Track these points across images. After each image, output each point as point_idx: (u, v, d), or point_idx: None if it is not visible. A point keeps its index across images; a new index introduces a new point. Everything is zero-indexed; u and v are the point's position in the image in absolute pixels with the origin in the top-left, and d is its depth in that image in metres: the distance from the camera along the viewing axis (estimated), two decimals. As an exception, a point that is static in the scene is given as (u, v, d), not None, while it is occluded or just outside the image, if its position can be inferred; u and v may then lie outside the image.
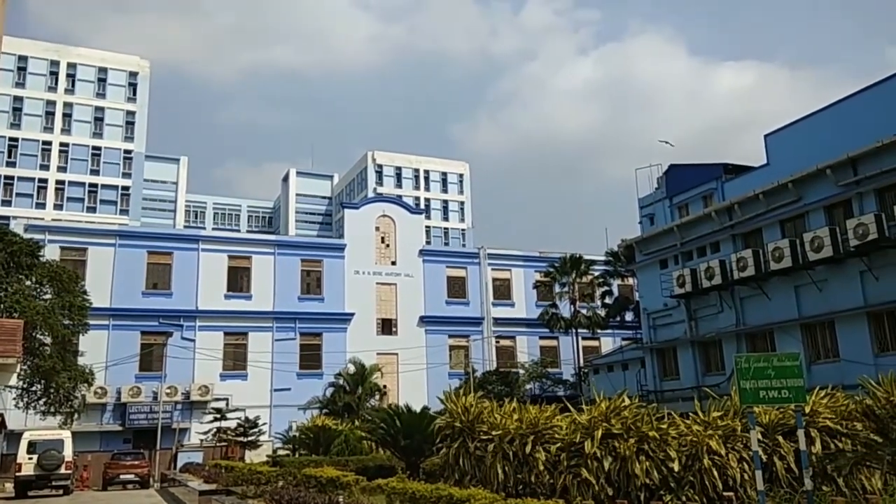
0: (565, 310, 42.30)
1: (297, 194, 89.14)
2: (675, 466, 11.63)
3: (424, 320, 46.31)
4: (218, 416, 36.42)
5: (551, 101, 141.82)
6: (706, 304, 30.81)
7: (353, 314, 44.47)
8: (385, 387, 41.02)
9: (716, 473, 11.58)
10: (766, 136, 30.39)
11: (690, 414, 12.88)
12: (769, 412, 12.50)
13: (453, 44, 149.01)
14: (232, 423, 36.52)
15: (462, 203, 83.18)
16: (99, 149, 62.01)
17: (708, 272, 29.28)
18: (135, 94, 64.13)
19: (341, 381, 37.96)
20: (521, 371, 44.25)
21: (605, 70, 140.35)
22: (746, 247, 28.39)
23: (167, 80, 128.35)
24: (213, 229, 78.24)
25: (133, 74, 64.25)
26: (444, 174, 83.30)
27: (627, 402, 12.84)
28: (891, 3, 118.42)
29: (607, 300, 43.41)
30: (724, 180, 32.25)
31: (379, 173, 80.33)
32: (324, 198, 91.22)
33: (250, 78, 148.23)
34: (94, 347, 35.64)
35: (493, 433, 13.21)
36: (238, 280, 43.13)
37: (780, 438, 12.24)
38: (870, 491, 11.91)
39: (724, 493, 11.51)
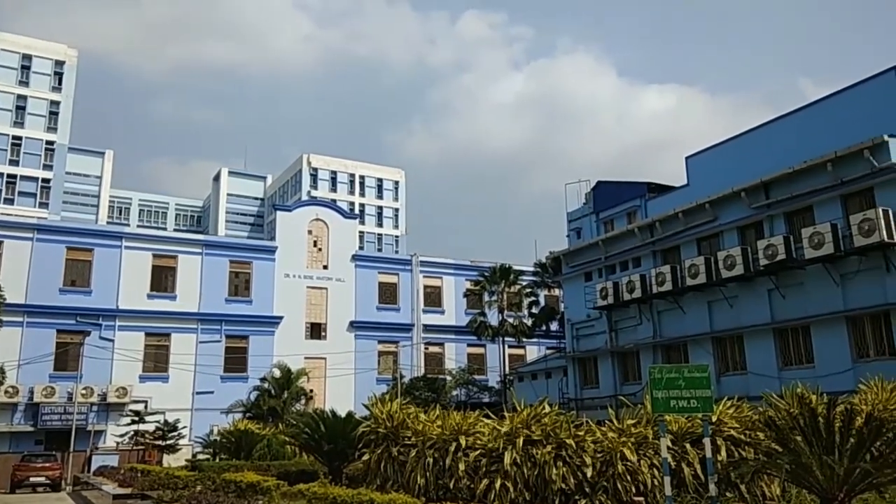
0: (493, 318, 43.02)
1: (229, 194, 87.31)
2: (590, 472, 12.08)
3: (354, 325, 46.15)
4: (136, 418, 35.37)
5: (484, 113, 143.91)
6: (626, 316, 31.93)
7: (281, 317, 43.91)
8: (312, 391, 40.70)
9: (628, 479, 12.08)
10: (687, 158, 31.86)
11: (606, 421, 13.38)
12: (679, 421, 12.98)
13: (390, 51, 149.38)
14: (150, 427, 35.53)
15: (397, 210, 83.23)
16: (20, 138, 59.21)
17: (629, 285, 30.38)
18: (60, 83, 61.56)
19: (267, 385, 37.45)
20: (449, 377, 44.68)
21: (536, 85, 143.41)
22: (665, 263, 29.61)
23: (95, 70, 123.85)
24: (138, 226, 75.72)
25: (59, 63, 61.71)
26: (380, 180, 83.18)
27: (548, 409, 13.25)
28: (802, 36, 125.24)
29: (534, 310, 44.39)
30: (647, 198, 33.62)
31: (314, 177, 79.59)
32: (256, 199, 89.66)
33: (182, 73, 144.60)
34: (6, 345, 34.19)
35: (417, 439, 13.41)
36: (162, 279, 41.98)
37: (689, 446, 12.78)
38: (769, 497, 12.64)
39: (636, 498, 12.04)
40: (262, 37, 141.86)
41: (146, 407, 37.84)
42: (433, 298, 49.50)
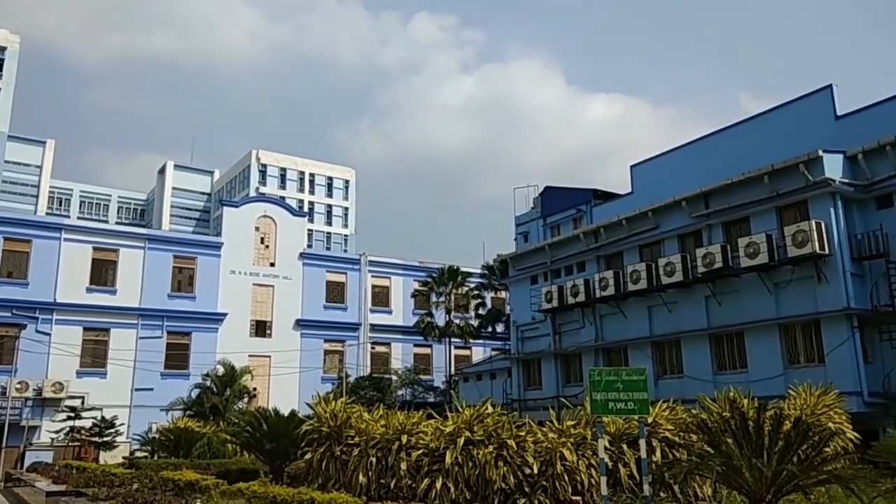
0: (440, 319, 43.25)
1: (174, 188, 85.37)
2: (530, 472, 12.37)
3: (301, 324, 45.75)
4: (72, 414, 34.35)
5: (434, 115, 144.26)
6: (570, 319, 32.53)
7: (225, 314, 43.24)
8: (255, 390, 40.20)
9: (566, 478, 12.37)
10: (631, 166, 32.71)
11: (547, 422, 13.65)
12: (617, 422, 13.33)
13: (341, 49, 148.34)
14: (87, 423, 34.56)
15: (346, 209, 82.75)
16: (-45, 126, 56.85)
17: (573, 289, 30.97)
18: (1, 69, 59.16)
19: (209, 383, 36.86)
20: (395, 377, 44.74)
21: (486, 89, 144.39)
22: (609, 268, 30.28)
23: (37, 58, 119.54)
24: (79, 218, 73.45)
25: (0, 49, 59.43)
26: (330, 179, 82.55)
27: (490, 410, 13.47)
28: (741, 53, 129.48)
29: (481, 311, 44.81)
30: (593, 205, 34.36)
31: (263, 173, 78.51)
32: (202, 193, 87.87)
33: (127, 62, 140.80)
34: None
35: (360, 438, 13.48)
36: (102, 273, 40.84)
37: (625, 447, 13.12)
38: (701, 498, 13.10)
39: (573, 497, 12.34)
40: (210, 28, 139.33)
41: (83, 403, 36.75)
42: (381, 298, 49.44)
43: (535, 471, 12.30)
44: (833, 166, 22.89)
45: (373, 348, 47.89)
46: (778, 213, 24.17)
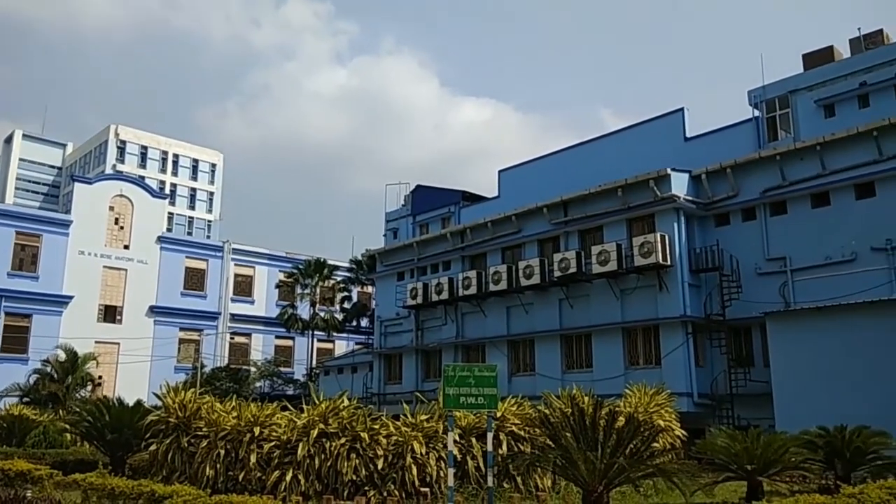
0: (305, 311, 42.73)
1: (21, 159, 78.83)
2: (381, 464, 12.60)
3: (155, 311, 43.61)
4: None
5: (306, 103, 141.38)
6: (433, 316, 33.21)
7: (71, 297, 40.45)
8: (100, 378, 37.99)
9: (415, 471, 12.73)
10: (499, 171, 33.91)
11: (402, 416, 13.96)
12: (468, 417, 13.83)
13: (211, 26, 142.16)
14: None
15: (212, 193, 79.57)
16: None
17: (437, 287, 31.63)
18: None
19: (49, 369, 34.49)
20: (253, 369, 43.71)
21: (359, 81, 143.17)
22: (473, 268, 31.20)
23: None
24: None
25: None
26: (196, 161, 79.01)
27: (346, 403, 13.59)
28: (605, 70, 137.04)
29: (346, 305, 44.75)
30: (461, 206, 35.29)
31: (122, 150, 73.91)
32: (52, 167, 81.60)
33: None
34: None
35: (209, 430, 13.18)
36: (-71, 247, 37.13)
37: (474, 440, 13.64)
38: (541, 489, 13.86)
39: (422, 489, 12.73)
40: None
41: None
42: (243, 287, 48.07)
43: (385, 464, 12.56)
44: (679, 184, 24.84)
45: (232, 339, 46.49)
46: (628, 225, 25.90)
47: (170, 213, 63.44)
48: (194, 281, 46.03)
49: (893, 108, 22.60)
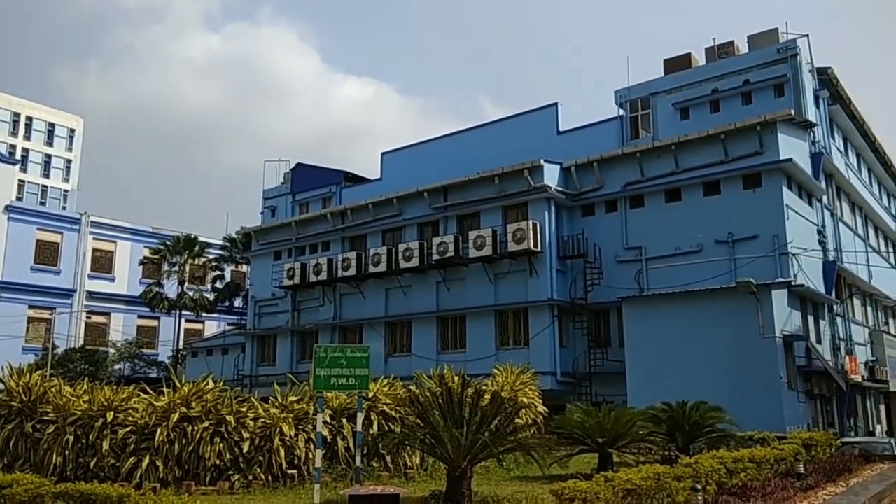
0: (172, 290, 40.72)
1: None
2: (247, 447, 12.31)
3: (0, 286, 40.15)
4: None
5: (175, 68, 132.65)
6: (311, 297, 32.74)
7: None
8: (-66, 360, 34.52)
9: (283, 453, 12.55)
10: (382, 154, 33.84)
11: (271, 398, 13.67)
12: (340, 397, 13.79)
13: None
14: None
15: (69, 161, 73.82)
16: None
17: (316, 268, 31.18)
18: None
19: None
20: (112, 350, 41.22)
21: (233, 48, 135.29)
22: (353, 249, 31.02)
23: None
24: None
25: None
26: (52, 125, 72.96)
27: (212, 385, 13.13)
28: (485, 61, 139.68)
29: (218, 285, 43.07)
30: (343, 186, 34.90)
31: (-36, 108, 67.17)
32: None
33: None
34: None
35: (57, 415, 12.40)
36: None
37: (345, 421, 13.67)
38: (409, 466, 14.07)
39: (289, 471, 12.55)
40: None
41: None
42: (103, 263, 45.06)
43: (251, 447, 12.29)
44: (551, 175, 25.93)
45: (88, 318, 43.57)
46: (503, 212, 26.68)
47: (20, 180, 58.49)
48: (46, 255, 42.66)
49: (740, 114, 24.85)
